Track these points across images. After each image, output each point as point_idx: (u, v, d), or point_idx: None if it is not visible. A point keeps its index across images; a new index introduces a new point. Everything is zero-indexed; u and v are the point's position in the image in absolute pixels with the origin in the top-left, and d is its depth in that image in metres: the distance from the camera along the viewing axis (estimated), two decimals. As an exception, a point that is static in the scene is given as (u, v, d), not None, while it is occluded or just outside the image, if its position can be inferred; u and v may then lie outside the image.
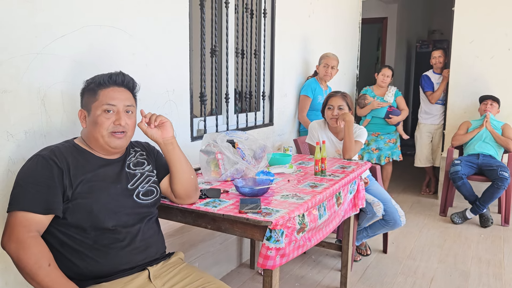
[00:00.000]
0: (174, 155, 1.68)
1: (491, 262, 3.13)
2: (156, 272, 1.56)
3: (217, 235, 2.77)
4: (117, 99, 1.53)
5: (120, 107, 1.53)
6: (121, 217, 1.51)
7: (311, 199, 1.84)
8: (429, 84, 4.66)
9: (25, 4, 1.59)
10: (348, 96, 2.98)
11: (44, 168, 1.41)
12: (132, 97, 1.61)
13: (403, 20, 7.09)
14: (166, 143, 1.66)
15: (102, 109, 1.51)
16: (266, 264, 1.62)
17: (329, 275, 2.92)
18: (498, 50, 4.29)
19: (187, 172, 1.71)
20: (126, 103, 1.56)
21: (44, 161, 1.42)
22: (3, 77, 1.53)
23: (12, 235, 1.34)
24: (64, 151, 1.48)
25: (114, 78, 1.56)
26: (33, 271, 1.32)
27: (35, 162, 1.43)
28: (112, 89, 1.54)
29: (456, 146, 4.21)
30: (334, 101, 2.92)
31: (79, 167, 1.47)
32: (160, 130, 1.65)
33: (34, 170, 1.41)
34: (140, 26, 2.11)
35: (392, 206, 2.89)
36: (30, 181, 1.39)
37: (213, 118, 2.86)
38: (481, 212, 3.83)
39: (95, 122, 1.51)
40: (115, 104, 1.52)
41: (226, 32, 2.92)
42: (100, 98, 1.52)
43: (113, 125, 1.52)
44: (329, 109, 2.94)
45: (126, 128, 1.55)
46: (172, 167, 1.69)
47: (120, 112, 1.53)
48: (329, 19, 4.37)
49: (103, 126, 1.51)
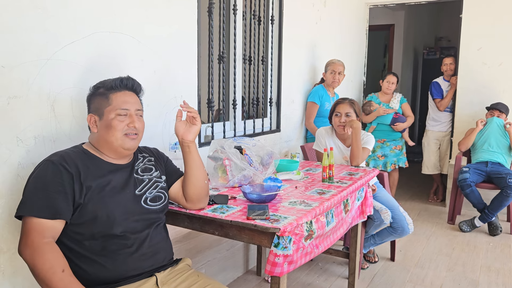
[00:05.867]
0: (190, 158, 1.71)
1: (501, 271, 3.09)
2: (163, 278, 1.56)
3: (224, 241, 2.76)
4: (129, 103, 1.57)
5: (132, 111, 1.57)
6: (129, 223, 1.51)
7: (319, 206, 1.83)
8: (439, 91, 4.65)
9: (36, 11, 1.60)
10: (356, 103, 2.98)
11: (54, 174, 1.42)
12: (139, 101, 1.64)
13: (410, 27, 7.09)
14: (183, 144, 1.70)
15: (116, 113, 1.53)
16: (273, 271, 1.61)
17: (336, 283, 2.90)
18: (506, 57, 4.27)
19: (200, 176, 1.73)
20: (137, 107, 1.60)
21: (54, 166, 1.43)
22: (13, 83, 1.55)
23: (27, 241, 1.35)
24: (74, 157, 1.49)
25: (125, 82, 1.59)
26: (47, 276, 1.32)
27: (45, 168, 1.43)
28: (124, 93, 1.57)
29: (463, 150, 4.18)
30: (342, 108, 2.92)
31: (88, 172, 1.48)
32: (186, 127, 1.68)
33: (43, 175, 1.42)
34: (149, 33, 2.13)
35: (400, 214, 2.87)
36: (39, 187, 1.40)
37: (221, 124, 2.87)
38: (490, 220, 3.79)
39: (109, 126, 1.53)
40: (128, 108, 1.56)
41: (234, 39, 2.94)
42: (113, 102, 1.54)
43: (127, 127, 1.54)
44: (336, 116, 2.94)
45: (138, 130, 1.58)
46: (187, 169, 1.72)
47: (133, 115, 1.57)
48: (336, 26, 4.38)
49: (117, 128, 1.53)
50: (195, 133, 1.70)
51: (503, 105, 4.10)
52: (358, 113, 2.94)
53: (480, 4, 4.34)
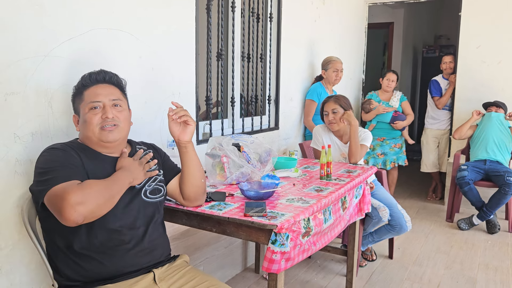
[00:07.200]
0: (187, 158, 1.70)
1: (498, 269, 3.09)
2: (161, 274, 1.56)
3: (222, 239, 2.77)
4: (101, 95, 1.54)
5: (106, 102, 1.54)
6: (128, 217, 1.51)
7: (316, 203, 1.83)
8: (438, 89, 4.65)
9: (33, 7, 1.60)
10: (341, 97, 2.99)
11: (64, 153, 1.44)
12: (119, 92, 1.61)
13: (409, 25, 7.08)
14: (180, 145, 1.69)
15: (88, 107, 1.52)
16: (271, 268, 1.61)
17: (334, 280, 2.90)
18: (505, 55, 4.26)
19: (198, 175, 1.72)
20: (112, 97, 1.55)
21: (61, 150, 1.45)
22: (11, 79, 1.55)
23: (68, 202, 1.28)
24: (73, 147, 1.51)
25: (94, 76, 1.57)
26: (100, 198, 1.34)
27: (52, 152, 1.44)
28: (95, 87, 1.55)
29: (457, 138, 4.19)
30: (327, 106, 2.97)
31: (89, 162, 1.49)
32: (181, 128, 1.67)
33: (56, 155, 1.43)
34: (147, 30, 2.12)
35: (398, 211, 2.87)
36: (56, 164, 1.39)
37: (219, 121, 2.87)
38: (488, 218, 3.80)
39: (84, 121, 1.52)
40: (99, 100, 1.53)
41: (232, 36, 2.93)
42: (85, 98, 1.54)
43: (101, 119, 1.52)
44: (325, 115, 2.99)
45: (116, 121, 1.54)
46: (184, 168, 1.71)
47: (106, 106, 1.53)
48: (335, 24, 4.37)
49: (92, 122, 1.51)
50: (190, 133, 1.68)
51: (499, 102, 4.11)
52: (345, 106, 2.94)
53: (479, 2, 4.34)
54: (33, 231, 1.54)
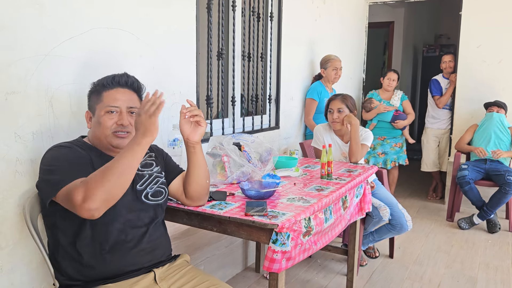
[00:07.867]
0: (194, 158, 1.68)
1: (499, 269, 3.09)
2: (162, 274, 1.56)
3: (223, 238, 2.76)
4: (120, 100, 1.54)
5: (123, 108, 1.54)
6: (130, 218, 1.51)
7: (317, 202, 1.83)
8: (438, 89, 4.64)
9: (34, 6, 1.60)
10: (349, 98, 2.98)
11: (71, 150, 1.44)
12: (137, 98, 1.61)
13: (410, 25, 7.08)
14: (189, 144, 1.67)
15: (105, 110, 1.52)
16: (272, 267, 1.61)
17: (335, 280, 2.90)
18: (505, 54, 4.26)
19: (203, 176, 1.71)
20: (129, 105, 1.56)
21: (67, 148, 1.45)
22: (12, 78, 1.54)
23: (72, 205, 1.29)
24: (81, 145, 1.51)
25: (117, 79, 1.57)
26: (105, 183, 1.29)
27: (58, 150, 1.45)
28: (116, 90, 1.55)
29: (457, 150, 4.20)
30: (334, 104, 2.95)
31: (94, 162, 1.49)
32: (191, 128, 1.65)
33: (62, 153, 1.43)
34: (147, 29, 2.12)
35: (398, 211, 2.87)
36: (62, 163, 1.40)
37: (220, 121, 2.86)
38: (489, 217, 3.80)
39: (98, 123, 1.53)
40: (117, 105, 1.53)
41: (233, 35, 2.93)
42: (104, 99, 1.53)
43: (116, 125, 1.52)
44: (330, 113, 2.97)
45: (130, 128, 1.54)
46: (190, 167, 1.70)
47: (122, 113, 1.54)
48: (335, 23, 4.37)
49: (106, 126, 1.51)
50: (200, 134, 1.66)
51: (500, 102, 4.11)
52: (351, 107, 2.94)
53: (480, 2, 4.33)
54: (35, 229, 1.54)
